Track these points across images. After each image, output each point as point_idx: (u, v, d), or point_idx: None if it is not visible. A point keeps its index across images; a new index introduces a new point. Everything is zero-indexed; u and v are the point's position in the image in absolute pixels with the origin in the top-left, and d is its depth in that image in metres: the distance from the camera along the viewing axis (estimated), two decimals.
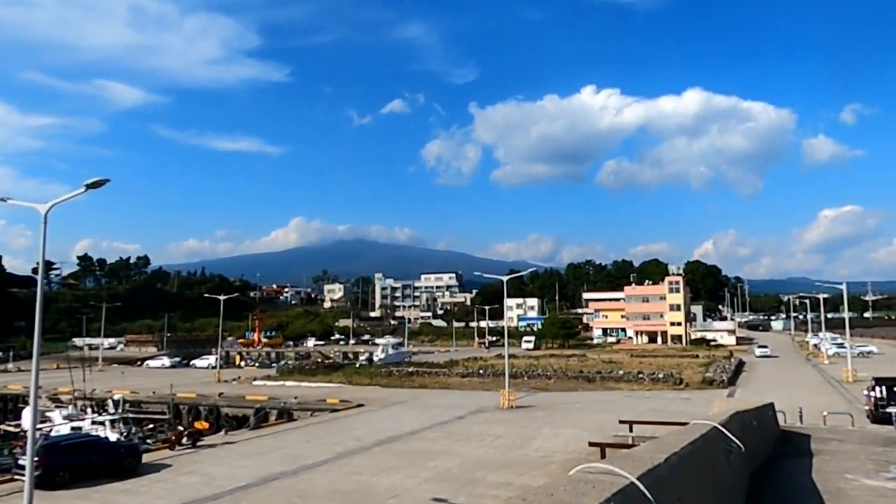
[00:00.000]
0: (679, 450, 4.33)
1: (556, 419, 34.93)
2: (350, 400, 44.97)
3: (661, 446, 4.32)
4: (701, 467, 5.12)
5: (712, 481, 5.56)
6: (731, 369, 60.65)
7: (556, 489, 2.57)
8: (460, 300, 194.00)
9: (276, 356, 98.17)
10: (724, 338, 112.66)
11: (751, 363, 73.58)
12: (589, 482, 2.72)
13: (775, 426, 23.32)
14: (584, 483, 2.70)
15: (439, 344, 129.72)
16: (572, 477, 2.89)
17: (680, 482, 3.98)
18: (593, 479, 2.84)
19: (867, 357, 73.97)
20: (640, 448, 4.06)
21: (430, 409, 40.35)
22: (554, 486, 2.65)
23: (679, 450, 4.33)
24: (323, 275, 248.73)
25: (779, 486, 11.97)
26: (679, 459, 4.08)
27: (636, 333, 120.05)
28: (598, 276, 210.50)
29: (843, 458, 16.92)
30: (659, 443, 4.50)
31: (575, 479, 2.83)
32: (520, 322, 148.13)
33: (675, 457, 4.00)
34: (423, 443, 29.17)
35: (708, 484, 5.25)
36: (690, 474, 4.44)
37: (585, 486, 2.63)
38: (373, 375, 62.13)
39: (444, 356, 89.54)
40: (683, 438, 5.04)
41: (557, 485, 2.66)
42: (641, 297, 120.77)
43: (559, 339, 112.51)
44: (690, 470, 4.49)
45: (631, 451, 3.91)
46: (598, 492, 2.54)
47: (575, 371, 60.62)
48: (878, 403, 31.65)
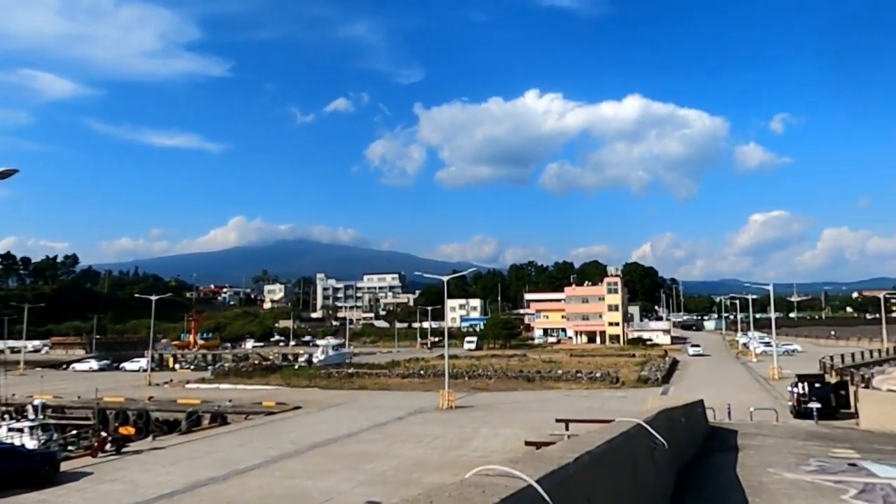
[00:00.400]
0: (594, 448, 4.18)
1: (494, 419, 35.02)
2: (287, 402, 44.00)
3: (575, 445, 4.16)
4: (618, 465, 5.00)
5: (631, 479, 5.46)
6: (665, 368, 62.32)
7: (440, 496, 2.34)
8: (403, 301, 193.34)
9: (213, 358, 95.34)
10: (660, 337, 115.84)
11: (684, 362, 75.77)
12: (480, 486, 2.50)
13: (704, 422, 23.92)
14: (475, 487, 2.48)
15: (381, 345, 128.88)
16: (464, 481, 2.67)
17: (591, 482, 3.83)
18: (486, 483, 2.63)
19: (792, 355, 77.19)
20: (553, 447, 3.89)
21: (369, 411, 39.85)
22: (438, 491, 2.43)
23: (594, 448, 4.18)
24: (263, 275, 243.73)
25: (705, 480, 12.16)
26: (591, 458, 3.93)
27: (576, 333, 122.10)
28: (540, 277, 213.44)
29: (766, 453, 17.42)
30: (574, 441, 4.34)
31: (466, 483, 2.61)
32: (462, 323, 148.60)
33: (587, 456, 3.84)
34: (361, 445, 28.70)
35: (626, 482, 5.14)
36: (604, 473, 4.30)
37: (474, 492, 2.41)
38: (312, 377, 61.07)
39: (385, 357, 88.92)
40: (602, 436, 4.91)
41: (442, 490, 2.44)
42: (581, 298, 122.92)
43: (501, 340, 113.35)
44: (604, 468, 4.35)
45: (542, 450, 3.72)
46: (486, 497, 2.33)
47: (515, 371, 61.07)
48: (800, 399, 32.94)
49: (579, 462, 3.58)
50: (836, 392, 33.83)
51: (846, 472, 13.11)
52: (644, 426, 7.30)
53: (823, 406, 31.81)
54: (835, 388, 34.46)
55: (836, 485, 11.17)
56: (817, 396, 32.19)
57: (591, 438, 4.64)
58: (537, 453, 3.52)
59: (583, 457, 3.76)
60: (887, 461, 15.25)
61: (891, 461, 15.26)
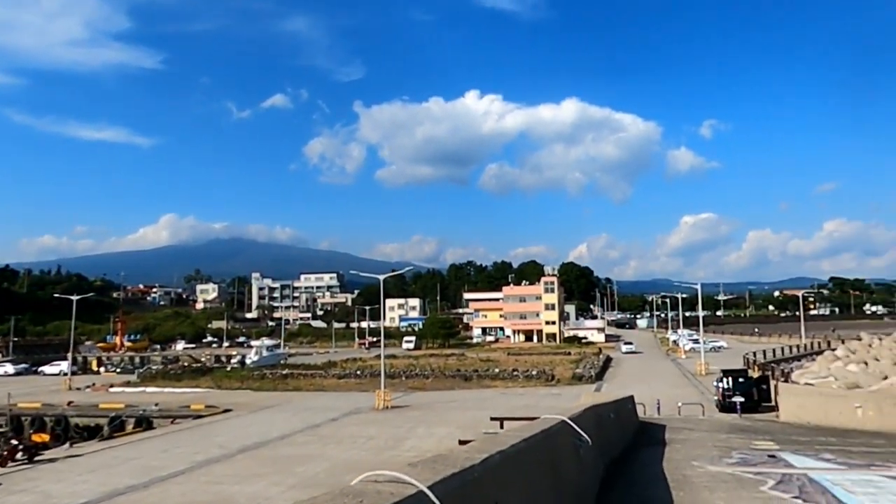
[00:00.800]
0: (507, 448, 3.97)
1: (430, 418, 34.82)
2: (217, 405, 42.56)
3: (487, 445, 3.93)
4: (536, 464, 4.82)
5: (551, 478, 5.29)
6: (599, 365, 63.59)
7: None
8: (341, 301, 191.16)
9: (141, 360, 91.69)
10: (595, 335, 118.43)
11: (617, 359, 77.58)
12: (359, 496, 2.24)
13: (634, 418, 24.35)
14: (352, 497, 2.21)
15: (319, 345, 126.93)
16: (343, 489, 2.41)
17: (502, 484, 3.62)
18: (369, 491, 2.37)
19: (718, 352, 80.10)
20: (463, 448, 3.66)
21: (302, 412, 39.00)
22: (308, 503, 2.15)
23: (507, 448, 3.97)
24: (196, 274, 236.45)
25: (632, 475, 12.24)
26: (503, 458, 3.71)
27: (514, 332, 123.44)
28: (479, 276, 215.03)
29: (692, 447, 17.78)
30: (487, 441, 4.12)
31: (345, 492, 2.34)
32: (401, 322, 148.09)
33: (498, 456, 3.62)
34: (292, 447, 27.98)
35: (544, 481, 4.97)
36: (518, 473, 4.10)
37: (350, 502, 2.14)
38: (244, 379, 59.43)
39: (322, 357, 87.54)
40: (520, 434, 4.71)
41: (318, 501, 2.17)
42: (519, 297, 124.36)
43: (440, 339, 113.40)
44: (519, 468, 4.16)
45: (448, 452, 3.47)
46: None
47: (453, 370, 61.13)
48: (725, 393, 34.11)
49: (488, 463, 3.35)
50: (758, 386, 35.23)
51: (766, 463, 13.47)
52: (569, 423, 7.18)
53: (746, 400, 33.07)
54: (757, 383, 35.88)
55: (755, 476, 11.42)
56: (741, 391, 33.43)
57: (506, 437, 4.44)
58: (441, 455, 3.27)
59: (493, 457, 3.53)
60: (803, 452, 15.80)
61: (807, 452, 15.82)
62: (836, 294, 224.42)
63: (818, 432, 22.71)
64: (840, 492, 9.65)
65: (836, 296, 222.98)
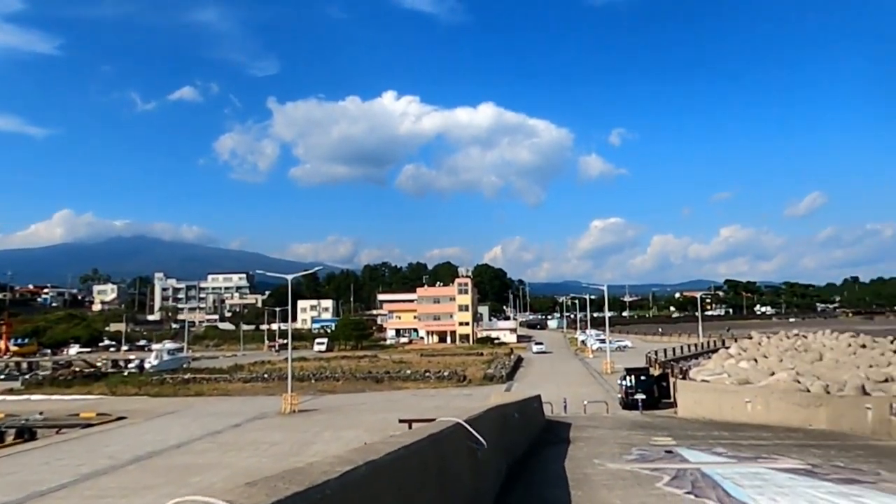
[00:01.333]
0: (379, 457, 3.58)
1: (338, 421, 34.02)
2: (110, 413, 39.98)
3: (356, 455, 3.53)
4: (418, 472, 4.46)
5: (437, 486, 4.95)
6: (510, 365, 64.48)
7: None
8: (251, 302, 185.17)
9: (29, 366, 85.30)
10: (507, 336, 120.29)
11: (528, 359, 78.99)
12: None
13: (541, 417, 24.61)
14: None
15: (226, 348, 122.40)
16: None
17: (369, 498, 3.24)
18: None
19: (624, 351, 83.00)
20: (325, 460, 3.24)
21: (203, 419, 37.22)
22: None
23: (379, 457, 3.58)
24: (93, 274, 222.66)
25: (534, 474, 12.16)
26: (372, 470, 3.32)
27: (427, 333, 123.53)
28: (394, 277, 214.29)
29: (595, 444, 18.03)
30: (357, 451, 3.71)
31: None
32: (314, 324, 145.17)
33: (365, 468, 3.23)
34: (189, 456, 26.52)
35: (427, 490, 4.63)
36: (392, 484, 3.72)
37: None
38: (142, 384, 56.30)
39: (229, 361, 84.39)
40: (399, 441, 4.33)
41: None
42: (433, 299, 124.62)
43: (352, 341, 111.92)
44: (395, 478, 3.79)
45: (309, 465, 3.04)
46: None
47: (364, 372, 60.33)
48: (628, 391, 35.23)
49: (350, 477, 2.95)
50: (658, 384, 36.61)
51: (662, 459, 13.74)
52: (464, 425, 6.88)
53: (648, 397, 34.27)
54: (658, 381, 37.29)
55: (652, 472, 11.57)
56: (642, 388, 34.61)
57: (382, 445, 4.04)
58: (292, 471, 2.84)
59: (358, 469, 3.14)
60: (698, 447, 16.31)
61: (701, 446, 16.33)
62: (731, 296, 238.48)
63: (712, 427, 23.68)
64: (729, 485, 9.87)
65: (731, 297, 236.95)
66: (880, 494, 8.89)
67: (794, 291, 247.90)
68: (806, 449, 15.54)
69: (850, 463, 12.62)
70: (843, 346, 67.32)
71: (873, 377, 41.95)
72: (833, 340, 72.87)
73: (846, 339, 72.62)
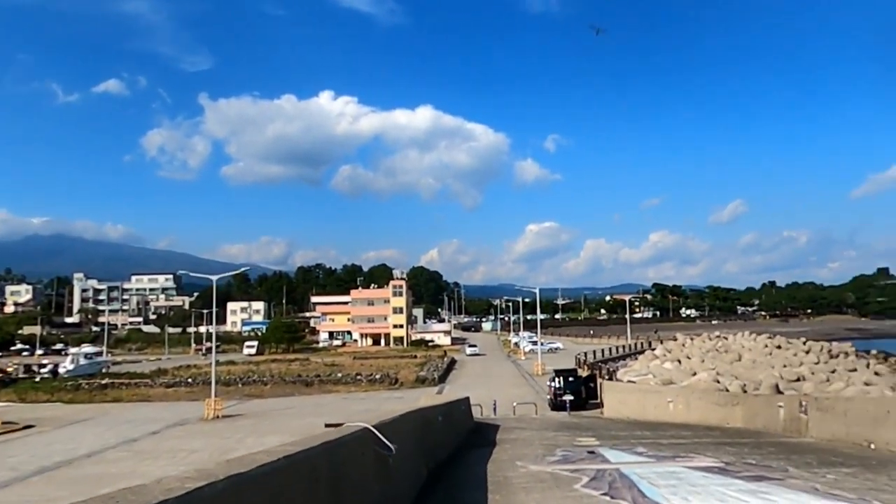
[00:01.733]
0: (249, 470, 3.23)
1: (263, 426, 33.02)
2: (16, 421, 37.56)
3: (220, 468, 3.16)
4: (306, 483, 4.13)
5: (328, 495, 4.61)
6: (443, 367, 64.49)
7: None
8: (178, 304, 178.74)
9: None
10: (441, 338, 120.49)
11: (462, 361, 79.20)
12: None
13: (468, 419, 24.51)
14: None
15: (150, 352, 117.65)
16: None
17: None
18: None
19: (555, 353, 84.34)
20: (178, 475, 2.86)
21: (119, 426, 35.48)
22: None
23: (249, 470, 3.23)
24: (6, 274, 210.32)
25: (454, 478, 11.94)
26: (233, 485, 2.96)
27: (361, 336, 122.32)
28: (329, 279, 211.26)
29: (520, 446, 17.98)
30: (222, 464, 3.34)
31: None
32: (244, 327, 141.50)
33: (223, 484, 2.87)
34: (101, 466, 25.11)
35: (316, 500, 4.29)
36: (265, 498, 3.38)
37: None
38: (55, 390, 53.24)
39: (152, 365, 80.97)
40: (283, 451, 3.98)
41: None
42: (367, 301, 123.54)
43: (284, 344, 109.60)
44: (273, 490, 3.45)
45: (157, 481, 2.67)
46: None
47: (294, 375, 59.01)
48: (556, 392, 35.64)
49: (196, 495, 2.59)
50: (586, 385, 37.22)
51: (584, 460, 13.76)
52: (372, 430, 6.55)
53: (576, 398, 34.77)
54: (585, 382, 37.91)
55: (572, 474, 11.53)
56: (570, 389, 35.09)
57: (260, 456, 3.69)
58: (128, 490, 2.47)
59: (214, 485, 2.78)
60: (620, 446, 16.47)
61: (623, 446, 16.50)
62: (658, 299, 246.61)
63: (636, 427, 24.13)
64: (645, 485, 9.91)
65: (658, 300, 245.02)
66: (787, 491, 9.08)
67: (716, 295, 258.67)
68: (722, 447, 15.93)
69: (762, 460, 12.96)
70: (761, 347, 70.51)
71: (786, 377, 44.01)
72: (751, 342, 76.22)
73: (763, 341, 76.11)
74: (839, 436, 15.71)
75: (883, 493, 8.61)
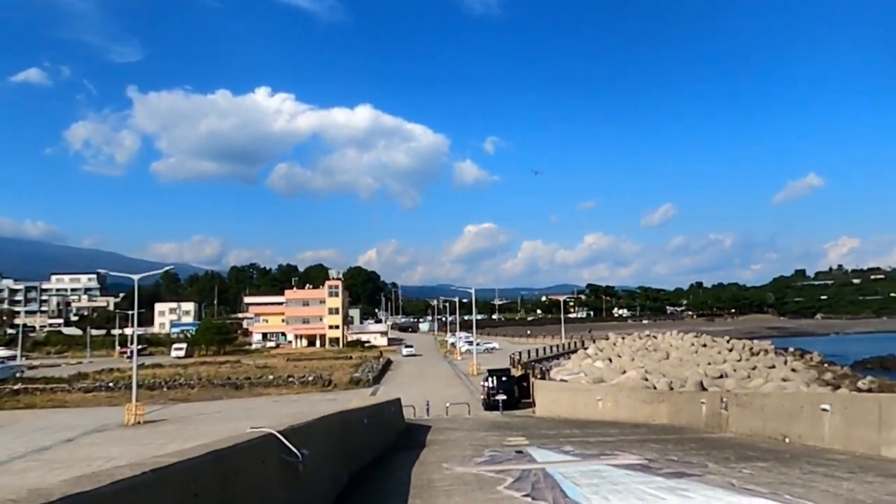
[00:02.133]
0: (100, 487, 2.82)
1: (187, 432, 31.73)
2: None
3: (69, 486, 2.75)
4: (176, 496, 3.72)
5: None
6: (378, 369, 63.87)
7: None
8: (102, 304, 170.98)
9: None
10: (378, 339, 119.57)
11: (398, 362, 78.73)
12: None
13: (399, 420, 24.17)
14: None
15: (71, 355, 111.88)
16: None
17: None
18: None
19: (491, 353, 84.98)
20: (11, 494, 2.44)
21: (30, 434, 33.43)
22: None
23: (100, 487, 2.82)
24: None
25: (376, 482, 11.60)
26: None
27: (296, 337, 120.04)
28: (263, 280, 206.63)
29: (449, 447, 17.76)
30: (65, 483, 2.91)
31: None
32: (172, 328, 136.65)
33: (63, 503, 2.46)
34: (5, 477, 23.51)
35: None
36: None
37: None
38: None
39: (73, 369, 77.01)
40: (157, 462, 3.57)
41: None
42: (302, 301, 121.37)
43: (215, 346, 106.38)
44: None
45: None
46: None
47: (223, 378, 57.24)
48: (489, 392, 35.71)
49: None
50: (519, 384, 37.45)
51: (512, 460, 13.64)
52: (277, 436, 6.15)
53: (508, 398, 34.91)
54: (518, 381, 38.16)
55: (497, 475, 11.36)
56: (503, 389, 35.22)
57: (123, 469, 3.27)
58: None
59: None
60: (548, 445, 16.48)
61: (551, 445, 16.52)
62: (592, 299, 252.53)
63: (566, 425, 24.34)
64: (568, 485, 9.83)
65: (592, 300, 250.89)
66: (704, 487, 9.16)
67: (647, 295, 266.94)
68: (646, 444, 16.14)
69: (683, 456, 13.14)
70: (687, 345, 73.09)
71: (711, 374, 45.64)
72: (679, 341, 78.94)
73: (690, 340, 78.97)
74: (757, 431, 16.18)
75: (794, 487, 8.77)
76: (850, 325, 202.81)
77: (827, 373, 56.57)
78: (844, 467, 10.47)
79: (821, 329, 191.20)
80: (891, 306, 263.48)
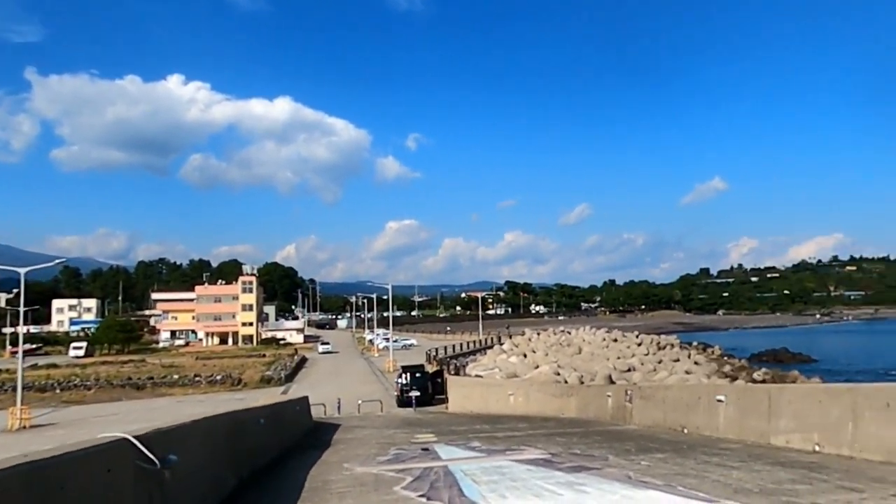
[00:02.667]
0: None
1: (78, 437, 29.58)
2: None
3: None
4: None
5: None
6: (292, 366, 62.34)
7: None
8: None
9: None
10: (294, 336, 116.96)
11: (313, 359, 77.16)
12: None
13: (306, 419, 23.40)
14: None
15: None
16: None
17: None
18: None
19: (409, 349, 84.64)
20: None
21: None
22: None
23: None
24: None
25: (266, 487, 10.94)
26: None
27: (207, 335, 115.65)
28: (173, 275, 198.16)
29: (355, 446, 17.25)
30: None
31: None
32: (72, 326, 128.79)
33: None
34: None
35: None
36: None
37: None
38: None
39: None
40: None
41: None
42: (214, 298, 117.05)
43: (118, 344, 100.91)
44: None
45: None
46: None
47: (124, 378, 54.21)
48: (403, 389, 35.36)
49: None
50: (433, 381, 37.27)
51: (416, 458, 13.29)
52: (133, 442, 5.48)
53: (422, 394, 34.66)
54: (433, 377, 37.98)
55: (398, 474, 10.97)
56: (417, 385, 34.94)
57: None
58: None
59: None
60: (455, 442, 16.24)
61: (458, 441, 16.28)
62: (510, 296, 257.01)
63: (476, 420, 24.26)
64: (468, 483, 9.54)
65: (510, 297, 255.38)
66: (601, 481, 9.08)
67: (563, 292, 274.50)
68: (552, 438, 16.17)
69: (586, 449, 13.17)
70: (599, 340, 75.25)
71: (619, 367, 47.05)
72: (591, 336, 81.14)
73: (601, 335, 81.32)
74: (658, 422, 16.52)
75: (687, 478, 8.81)
76: (749, 321, 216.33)
77: (726, 365, 59.57)
78: (736, 456, 10.69)
79: (722, 324, 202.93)
80: (784, 303, 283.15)
